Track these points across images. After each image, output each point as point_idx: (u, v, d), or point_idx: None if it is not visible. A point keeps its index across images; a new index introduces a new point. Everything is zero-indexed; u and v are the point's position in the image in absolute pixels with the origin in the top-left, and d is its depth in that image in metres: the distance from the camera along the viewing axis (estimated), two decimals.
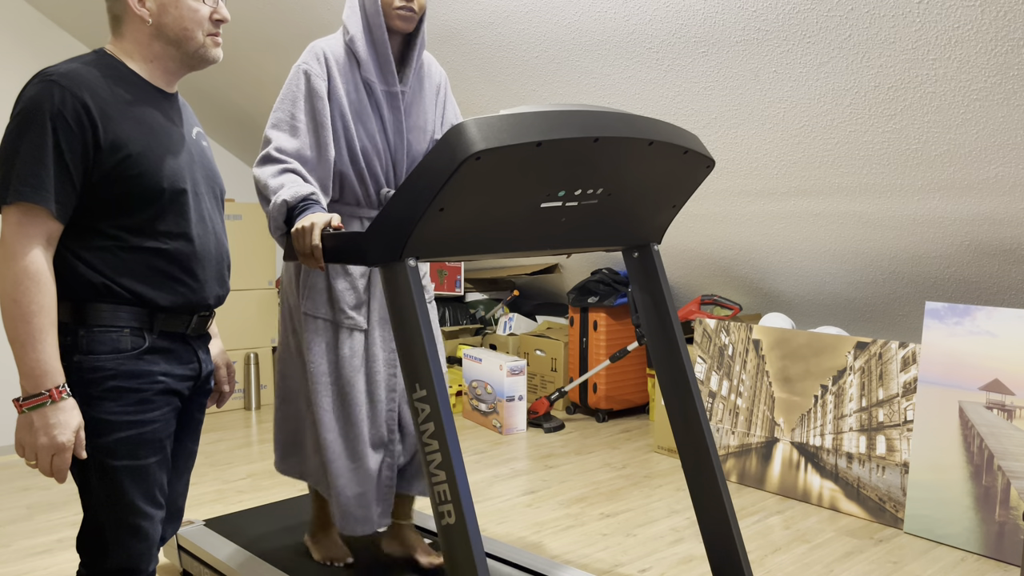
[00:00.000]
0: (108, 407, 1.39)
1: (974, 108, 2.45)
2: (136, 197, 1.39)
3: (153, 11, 1.42)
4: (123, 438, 1.40)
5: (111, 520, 1.43)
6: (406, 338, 1.28)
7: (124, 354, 1.40)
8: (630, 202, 1.46)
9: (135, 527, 1.45)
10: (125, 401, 1.40)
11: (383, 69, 1.93)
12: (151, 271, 1.42)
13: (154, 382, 1.44)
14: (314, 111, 1.86)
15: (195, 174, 1.50)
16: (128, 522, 1.44)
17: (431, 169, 1.20)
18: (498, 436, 4.13)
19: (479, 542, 1.21)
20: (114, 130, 1.36)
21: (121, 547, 1.45)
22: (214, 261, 1.53)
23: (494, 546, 2.36)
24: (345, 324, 1.96)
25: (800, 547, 2.72)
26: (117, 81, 1.40)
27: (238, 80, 4.64)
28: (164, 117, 1.47)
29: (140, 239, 1.41)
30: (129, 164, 1.37)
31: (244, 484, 3.35)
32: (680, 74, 2.94)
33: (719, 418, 3.52)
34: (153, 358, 1.44)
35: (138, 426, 1.42)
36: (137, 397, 1.41)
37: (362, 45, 1.90)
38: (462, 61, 3.47)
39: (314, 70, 1.87)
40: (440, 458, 1.23)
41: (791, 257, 3.60)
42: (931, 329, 2.86)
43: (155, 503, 1.48)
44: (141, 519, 1.45)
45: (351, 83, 1.91)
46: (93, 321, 1.39)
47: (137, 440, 1.42)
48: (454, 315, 5.27)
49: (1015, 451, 2.63)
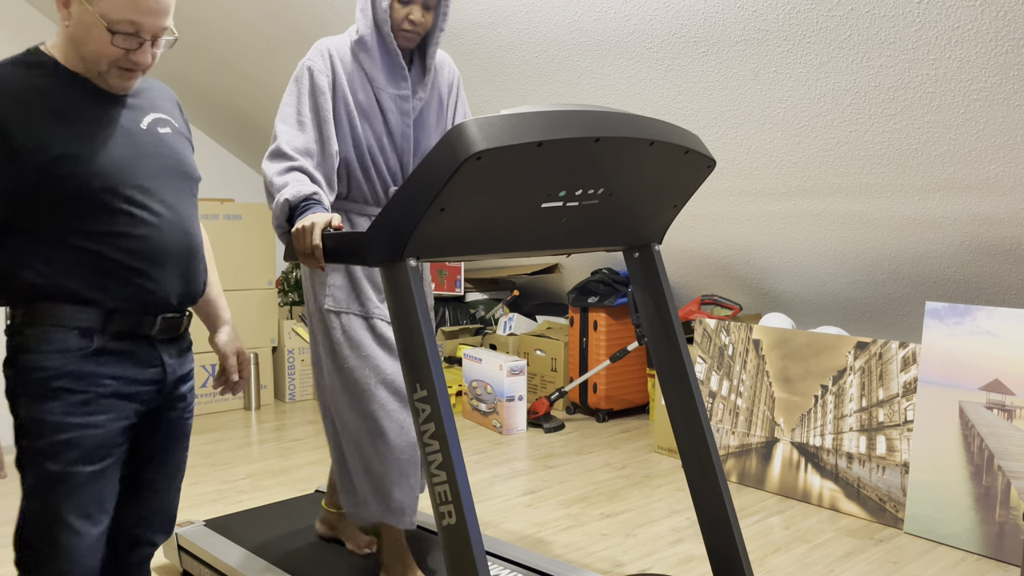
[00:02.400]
0: (50, 407, 1.34)
1: (974, 108, 2.45)
2: (69, 198, 1.34)
3: (72, 19, 1.36)
4: (62, 441, 1.35)
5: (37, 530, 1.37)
6: (407, 338, 1.28)
7: (70, 354, 1.36)
8: (631, 202, 1.46)
9: (60, 544, 1.37)
10: (68, 401, 1.35)
11: (394, 74, 1.95)
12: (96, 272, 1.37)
13: (101, 384, 1.38)
14: (317, 107, 1.88)
15: (145, 167, 1.42)
16: (54, 536, 1.36)
17: (432, 169, 1.20)
18: (498, 436, 4.13)
19: (480, 543, 1.21)
20: (32, 133, 1.32)
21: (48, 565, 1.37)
22: (176, 257, 1.46)
23: (495, 544, 2.36)
24: (376, 315, 1.97)
25: (800, 547, 2.72)
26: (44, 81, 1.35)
27: (237, 80, 4.64)
28: (102, 112, 1.40)
29: (81, 240, 1.36)
30: (55, 165, 1.32)
31: (244, 484, 3.35)
32: (680, 74, 2.94)
33: (719, 418, 3.52)
34: (105, 359, 1.39)
35: (80, 428, 1.36)
36: (82, 398, 1.36)
37: (372, 49, 1.92)
38: (462, 61, 3.47)
39: (318, 66, 1.89)
40: (441, 458, 1.23)
41: (791, 257, 3.60)
42: (931, 329, 2.86)
43: (89, 519, 1.39)
44: (69, 535, 1.37)
45: (357, 82, 1.93)
46: (40, 320, 1.35)
47: (77, 443, 1.36)
48: (454, 315, 5.27)
49: (1015, 451, 2.63)
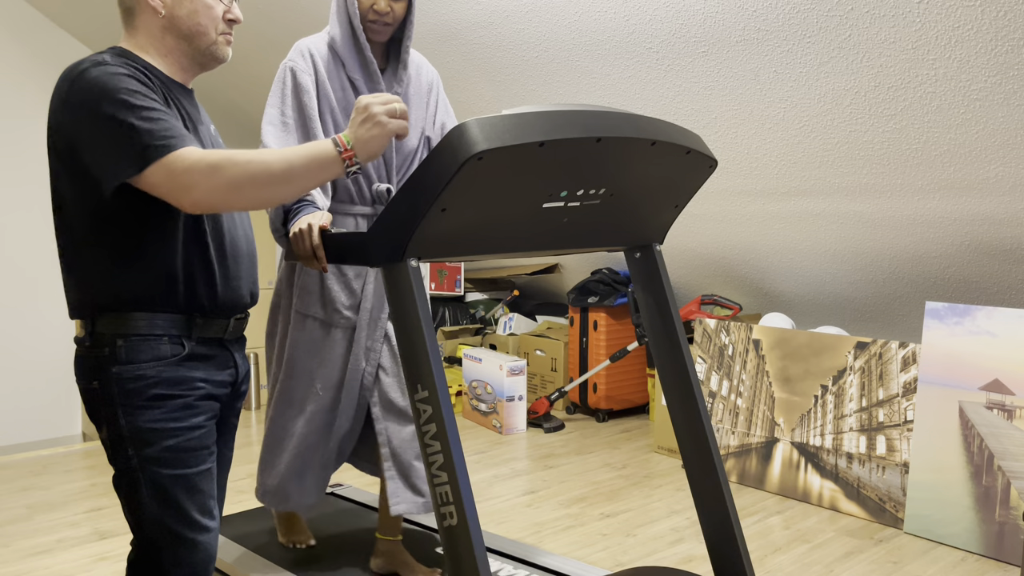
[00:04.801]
0: (152, 415, 1.35)
1: (974, 108, 2.45)
2: None
3: (168, 2, 1.38)
4: (170, 446, 1.36)
5: (167, 537, 1.38)
6: (408, 339, 1.28)
7: (164, 361, 1.37)
8: (632, 202, 1.46)
9: (193, 542, 1.39)
10: (168, 408, 1.36)
11: (366, 70, 1.93)
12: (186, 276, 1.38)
13: (195, 388, 1.40)
14: (301, 106, 1.87)
15: None
16: (186, 537, 1.39)
17: (433, 169, 1.20)
18: (498, 436, 4.13)
19: (481, 543, 1.21)
20: None
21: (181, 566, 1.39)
22: (246, 256, 1.50)
23: (495, 540, 2.36)
24: (339, 324, 1.97)
25: (800, 547, 2.72)
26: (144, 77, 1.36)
27: (236, 78, 4.63)
28: (193, 110, 1.45)
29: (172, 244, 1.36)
30: None
31: (244, 484, 3.35)
32: (680, 74, 2.93)
33: (719, 418, 3.52)
34: (193, 364, 1.40)
35: (184, 432, 1.38)
36: (181, 403, 1.38)
37: (343, 45, 1.91)
38: (462, 61, 3.47)
39: (300, 66, 1.88)
40: (442, 459, 1.23)
41: (791, 257, 3.60)
42: (931, 329, 2.86)
43: (210, 515, 1.42)
44: (198, 532, 1.40)
45: (336, 80, 1.92)
46: (130, 330, 1.35)
47: (184, 448, 1.38)
48: (454, 315, 5.27)
49: (1015, 451, 2.63)
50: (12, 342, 4.72)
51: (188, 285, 1.39)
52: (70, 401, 4.96)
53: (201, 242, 1.40)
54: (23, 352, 4.76)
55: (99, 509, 3.07)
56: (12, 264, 4.69)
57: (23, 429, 4.80)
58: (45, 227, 4.78)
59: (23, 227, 4.71)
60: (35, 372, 4.81)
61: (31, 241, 4.74)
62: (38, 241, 4.77)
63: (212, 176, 1.25)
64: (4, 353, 4.70)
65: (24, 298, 4.74)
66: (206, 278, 1.41)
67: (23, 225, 4.71)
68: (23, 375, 4.77)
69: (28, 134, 4.69)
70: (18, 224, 4.69)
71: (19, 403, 4.77)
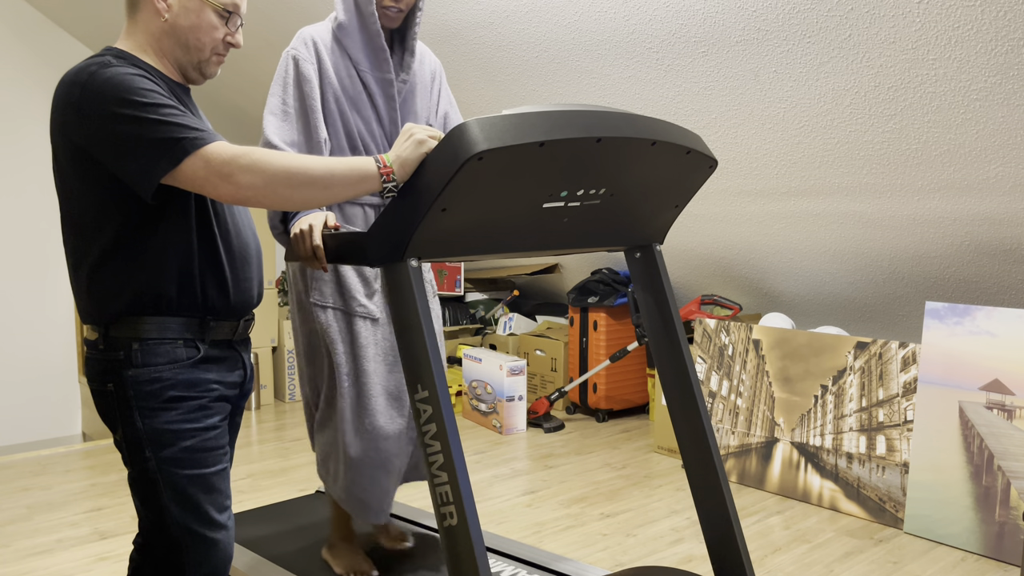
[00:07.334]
0: (169, 417, 1.37)
1: (974, 108, 2.45)
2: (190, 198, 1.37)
3: (173, 9, 1.39)
4: (188, 447, 1.38)
5: (189, 536, 1.39)
6: (408, 339, 1.28)
7: (180, 364, 1.38)
8: (632, 202, 1.46)
9: (213, 541, 1.41)
10: (184, 409, 1.38)
11: (376, 56, 1.90)
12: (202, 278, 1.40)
13: (210, 389, 1.42)
14: (303, 95, 1.84)
15: None
16: (206, 536, 1.41)
17: (433, 169, 1.20)
18: (498, 436, 4.13)
19: (481, 543, 1.21)
20: None
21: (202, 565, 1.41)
22: (254, 258, 1.51)
23: (496, 542, 2.36)
24: (358, 312, 1.94)
25: (800, 547, 2.72)
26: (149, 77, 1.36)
27: (236, 78, 4.63)
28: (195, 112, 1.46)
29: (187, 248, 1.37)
30: None
31: (244, 484, 3.35)
32: (680, 74, 2.94)
33: (719, 418, 3.52)
34: (207, 366, 1.42)
35: (201, 433, 1.40)
36: (196, 404, 1.39)
37: (353, 32, 1.88)
38: (462, 61, 3.47)
39: (302, 55, 1.85)
40: (442, 459, 1.23)
41: (791, 257, 3.60)
42: (931, 329, 2.86)
43: (227, 511, 1.44)
44: (217, 531, 1.42)
45: (342, 69, 1.89)
46: (145, 333, 1.36)
47: (201, 448, 1.40)
48: (454, 315, 5.27)
49: (1015, 451, 2.63)
50: (12, 342, 4.72)
51: (202, 288, 1.40)
52: (70, 401, 4.96)
53: (212, 245, 1.41)
54: (23, 352, 4.76)
55: (99, 509, 3.07)
56: (12, 264, 4.69)
57: (23, 429, 4.80)
58: (44, 227, 4.79)
59: (23, 227, 4.71)
60: (35, 372, 4.81)
61: (31, 241, 4.75)
62: (38, 241, 4.77)
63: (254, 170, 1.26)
64: (4, 353, 4.70)
65: (24, 298, 4.74)
66: (218, 281, 1.42)
67: (23, 225, 4.71)
68: (23, 375, 4.77)
69: (28, 134, 4.69)
70: (18, 224, 4.69)
71: (19, 403, 4.77)
